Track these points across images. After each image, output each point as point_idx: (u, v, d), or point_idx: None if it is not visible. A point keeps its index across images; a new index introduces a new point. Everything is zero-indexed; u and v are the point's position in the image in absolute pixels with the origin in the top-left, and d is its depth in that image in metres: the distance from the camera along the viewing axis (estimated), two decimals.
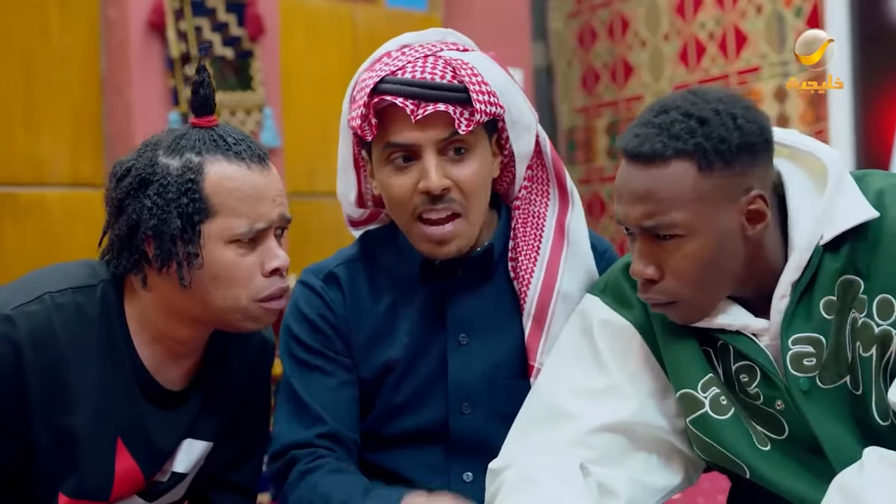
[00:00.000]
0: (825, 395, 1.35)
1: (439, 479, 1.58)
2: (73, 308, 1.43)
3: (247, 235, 1.41)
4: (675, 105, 1.34)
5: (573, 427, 1.42)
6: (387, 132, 1.51)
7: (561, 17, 5.38)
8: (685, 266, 1.33)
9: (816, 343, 1.35)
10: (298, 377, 1.59)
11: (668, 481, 1.46)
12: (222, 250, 1.41)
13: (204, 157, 1.41)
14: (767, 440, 1.39)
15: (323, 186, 4.55)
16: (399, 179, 1.51)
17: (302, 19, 4.48)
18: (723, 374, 1.42)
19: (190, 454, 1.54)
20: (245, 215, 1.41)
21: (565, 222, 1.63)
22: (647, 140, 1.32)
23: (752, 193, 1.32)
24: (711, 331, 1.40)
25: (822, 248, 1.35)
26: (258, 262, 1.44)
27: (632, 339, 1.47)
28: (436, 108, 1.47)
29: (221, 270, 1.42)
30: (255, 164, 1.43)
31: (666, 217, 1.32)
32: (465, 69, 1.50)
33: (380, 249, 1.65)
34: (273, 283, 1.45)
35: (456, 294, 1.59)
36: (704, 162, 1.30)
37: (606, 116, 5.09)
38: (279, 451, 1.57)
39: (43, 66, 3.80)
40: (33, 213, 3.75)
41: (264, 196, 1.43)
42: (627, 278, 1.48)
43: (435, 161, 1.49)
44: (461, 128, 1.48)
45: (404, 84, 1.49)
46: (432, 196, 1.50)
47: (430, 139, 1.49)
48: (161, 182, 1.40)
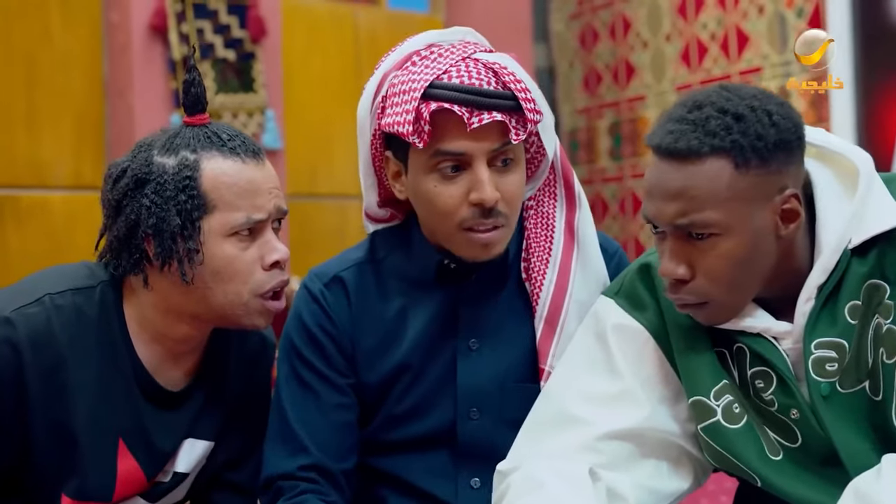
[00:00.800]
0: (844, 401, 1.32)
1: (447, 485, 1.56)
2: (72, 309, 1.43)
3: (245, 226, 1.42)
4: (710, 101, 1.30)
5: (583, 432, 1.40)
6: (437, 139, 1.45)
7: (562, 18, 5.38)
8: (719, 266, 1.30)
9: (839, 348, 1.32)
10: (290, 394, 1.56)
11: (677, 486, 1.44)
12: (222, 245, 1.42)
13: (199, 154, 1.42)
14: (780, 449, 1.37)
15: (324, 188, 4.55)
16: (448, 189, 1.46)
17: (303, 21, 4.48)
18: (738, 378, 1.39)
19: (191, 454, 1.54)
20: (243, 208, 1.42)
21: (574, 224, 1.61)
22: (683, 136, 1.28)
23: (787, 192, 1.30)
24: (731, 332, 1.37)
25: (850, 251, 1.32)
26: (258, 256, 1.45)
27: (645, 343, 1.44)
28: (492, 116, 1.43)
29: (222, 265, 1.42)
30: (249, 159, 1.44)
31: (701, 215, 1.28)
32: (506, 74, 1.46)
33: (390, 251, 1.62)
34: (274, 276, 1.46)
35: (469, 298, 1.57)
36: (741, 159, 1.27)
37: (608, 117, 5.09)
38: (265, 482, 1.55)
39: (45, 69, 3.81)
40: (35, 216, 3.75)
41: (260, 188, 1.44)
42: (643, 280, 1.46)
43: (487, 172, 1.45)
44: (517, 137, 1.45)
45: (457, 90, 1.43)
46: (483, 209, 1.46)
47: (483, 149, 1.45)
48: (158, 181, 1.41)
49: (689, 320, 1.41)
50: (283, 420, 1.55)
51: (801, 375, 1.35)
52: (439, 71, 1.45)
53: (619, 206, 5.04)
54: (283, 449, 1.54)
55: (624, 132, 5.01)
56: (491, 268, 1.56)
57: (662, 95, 4.76)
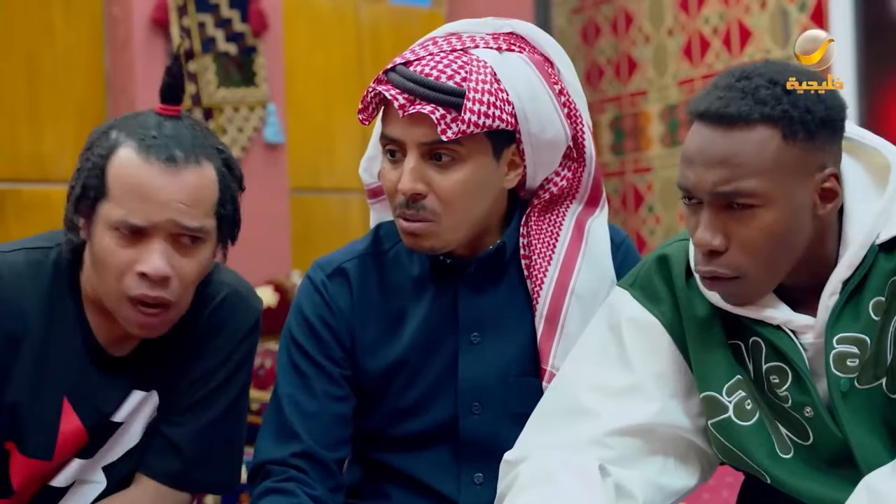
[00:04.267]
0: (861, 397, 1.31)
1: (450, 480, 1.56)
2: (24, 264, 1.44)
3: (122, 227, 1.37)
4: (758, 72, 1.29)
5: (593, 426, 1.39)
6: (384, 122, 1.49)
7: (564, 12, 5.37)
8: (756, 238, 1.28)
9: (861, 343, 1.31)
10: (287, 384, 1.55)
11: (684, 483, 1.43)
12: (103, 234, 1.39)
13: (121, 140, 1.40)
14: (791, 446, 1.36)
15: (327, 182, 4.55)
16: (388, 174, 1.49)
17: (306, 15, 4.48)
18: (752, 372, 1.38)
19: (130, 403, 1.50)
20: (125, 207, 1.37)
21: (586, 222, 1.60)
22: (733, 102, 1.26)
23: (828, 171, 1.28)
24: (749, 324, 1.36)
25: (877, 247, 1.31)
26: (133, 260, 1.38)
27: (660, 337, 1.43)
28: (422, 107, 1.42)
29: (99, 254, 1.40)
30: (160, 163, 1.37)
31: (745, 183, 1.26)
32: (482, 73, 1.45)
33: (392, 244, 1.61)
34: (139, 285, 1.38)
35: (467, 292, 1.56)
36: (789, 130, 1.26)
37: (610, 112, 5.09)
38: (256, 467, 1.54)
39: (47, 63, 3.81)
40: (37, 210, 3.75)
41: (154, 196, 1.36)
42: (659, 272, 1.45)
43: (414, 163, 1.45)
44: (445, 134, 1.42)
45: (405, 77, 1.45)
46: (406, 199, 1.46)
47: (415, 139, 1.44)
48: (91, 149, 1.43)
49: (704, 313, 1.40)
50: (278, 408, 1.55)
51: (817, 372, 1.34)
52: (413, 58, 1.47)
53: (620, 200, 5.04)
54: (277, 436, 1.54)
55: (626, 127, 5.01)
56: (487, 262, 1.56)
57: (664, 90, 4.76)
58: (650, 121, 4.86)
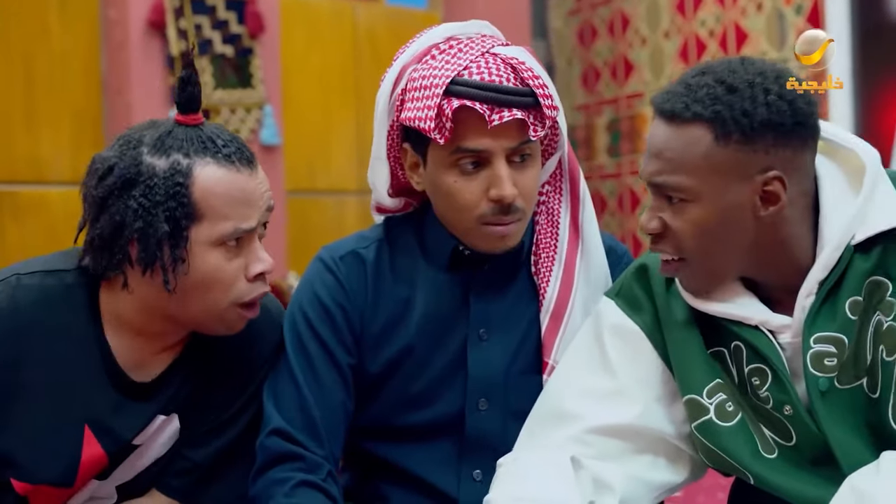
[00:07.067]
0: (841, 397, 1.32)
1: (449, 476, 1.56)
2: (39, 289, 1.41)
3: (233, 237, 1.39)
4: (714, 69, 1.32)
5: (574, 426, 1.42)
6: (458, 136, 1.46)
7: (561, 14, 5.38)
8: (687, 230, 1.33)
9: (839, 343, 1.32)
10: (292, 366, 1.56)
11: (669, 479, 1.45)
12: (208, 254, 1.38)
13: (193, 160, 1.37)
14: (774, 447, 1.37)
15: (323, 184, 4.56)
16: (468, 185, 1.48)
17: (302, 17, 4.48)
18: (736, 376, 1.40)
19: (150, 427, 1.49)
20: (232, 217, 1.39)
21: (579, 220, 1.62)
22: (673, 98, 1.31)
23: (771, 174, 1.29)
24: (729, 324, 1.38)
25: (853, 248, 1.32)
26: (243, 266, 1.41)
27: (641, 343, 1.45)
28: (512, 114, 1.44)
29: (207, 275, 1.39)
30: (244, 167, 1.40)
31: (672, 178, 1.31)
32: (524, 70, 1.47)
33: (404, 236, 1.62)
34: (256, 287, 1.43)
35: (480, 288, 1.57)
36: (722, 131, 1.28)
37: (607, 114, 5.09)
38: (273, 431, 1.52)
39: (43, 66, 3.81)
40: (34, 212, 3.76)
41: (252, 198, 1.41)
42: (639, 281, 1.48)
43: (506, 169, 1.47)
44: (536, 133, 1.46)
45: (478, 87, 1.45)
46: (502, 205, 1.48)
47: (503, 146, 1.46)
48: (147, 183, 1.36)
49: (683, 318, 1.42)
50: (290, 382, 1.54)
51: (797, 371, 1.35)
52: (460, 67, 1.47)
53: (617, 202, 5.04)
54: (291, 416, 1.52)
55: (622, 129, 5.02)
56: (504, 258, 1.57)
57: None
58: (646, 123, 4.87)
